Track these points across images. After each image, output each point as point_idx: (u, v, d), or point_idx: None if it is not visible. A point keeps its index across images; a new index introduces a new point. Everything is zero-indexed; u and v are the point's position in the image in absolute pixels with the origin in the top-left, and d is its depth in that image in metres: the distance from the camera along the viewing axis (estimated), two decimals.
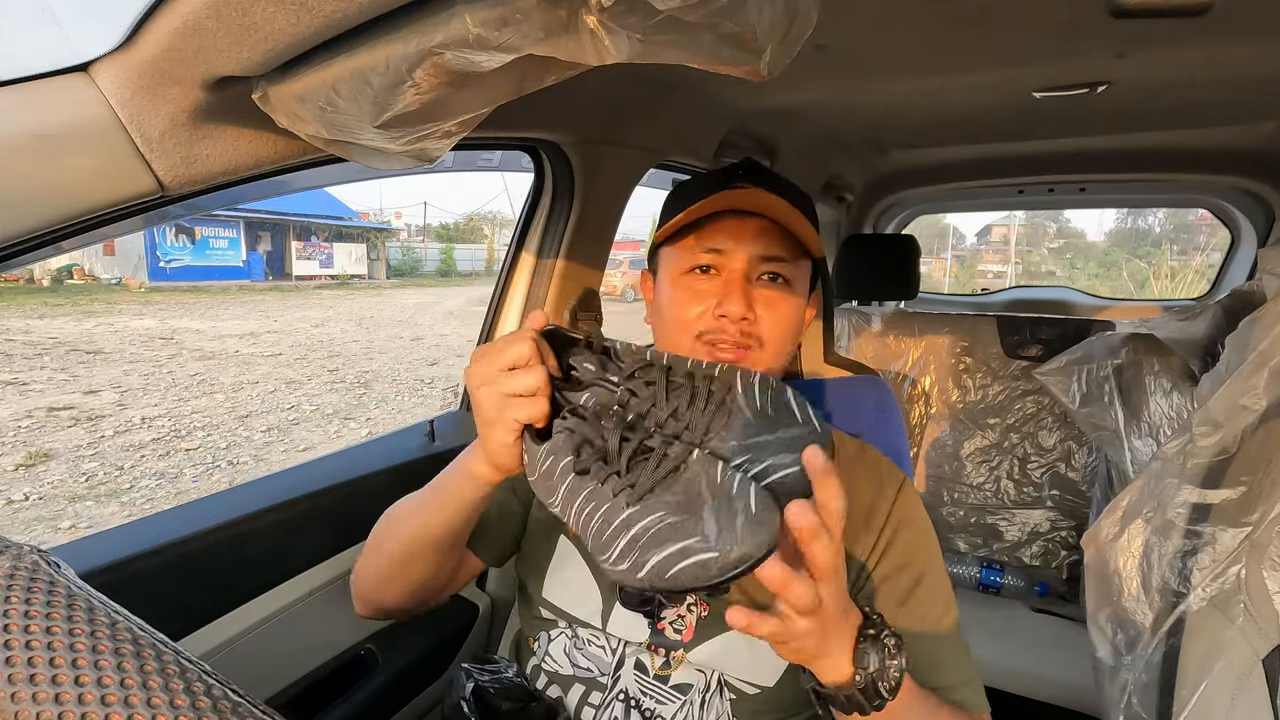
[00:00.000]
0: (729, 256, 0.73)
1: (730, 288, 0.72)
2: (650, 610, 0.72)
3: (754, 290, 0.73)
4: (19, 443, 5.00)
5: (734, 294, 0.71)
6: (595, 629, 0.75)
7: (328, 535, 0.90)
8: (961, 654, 0.71)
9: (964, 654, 0.71)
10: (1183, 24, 0.85)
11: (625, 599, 0.73)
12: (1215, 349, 1.43)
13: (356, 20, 0.47)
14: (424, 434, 1.10)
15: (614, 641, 0.74)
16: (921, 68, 1.07)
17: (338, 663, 0.92)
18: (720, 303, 0.71)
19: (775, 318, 0.73)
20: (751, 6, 0.39)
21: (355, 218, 22.94)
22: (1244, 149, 1.80)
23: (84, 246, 1.11)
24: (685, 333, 0.73)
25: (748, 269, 0.73)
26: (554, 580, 0.79)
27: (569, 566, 0.78)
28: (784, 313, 0.74)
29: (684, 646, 0.71)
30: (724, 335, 0.72)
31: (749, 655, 0.70)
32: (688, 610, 0.72)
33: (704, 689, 0.72)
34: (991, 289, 4.09)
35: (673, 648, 0.72)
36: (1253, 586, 0.82)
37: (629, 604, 0.72)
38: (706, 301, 0.73)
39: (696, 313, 0.73)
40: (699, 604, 0.72)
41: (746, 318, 0.71)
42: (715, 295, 0.72)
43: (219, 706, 0.27)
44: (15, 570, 0.31)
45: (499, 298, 1.22)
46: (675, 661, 0.72)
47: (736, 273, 0.73)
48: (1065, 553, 1.83)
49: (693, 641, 0.71)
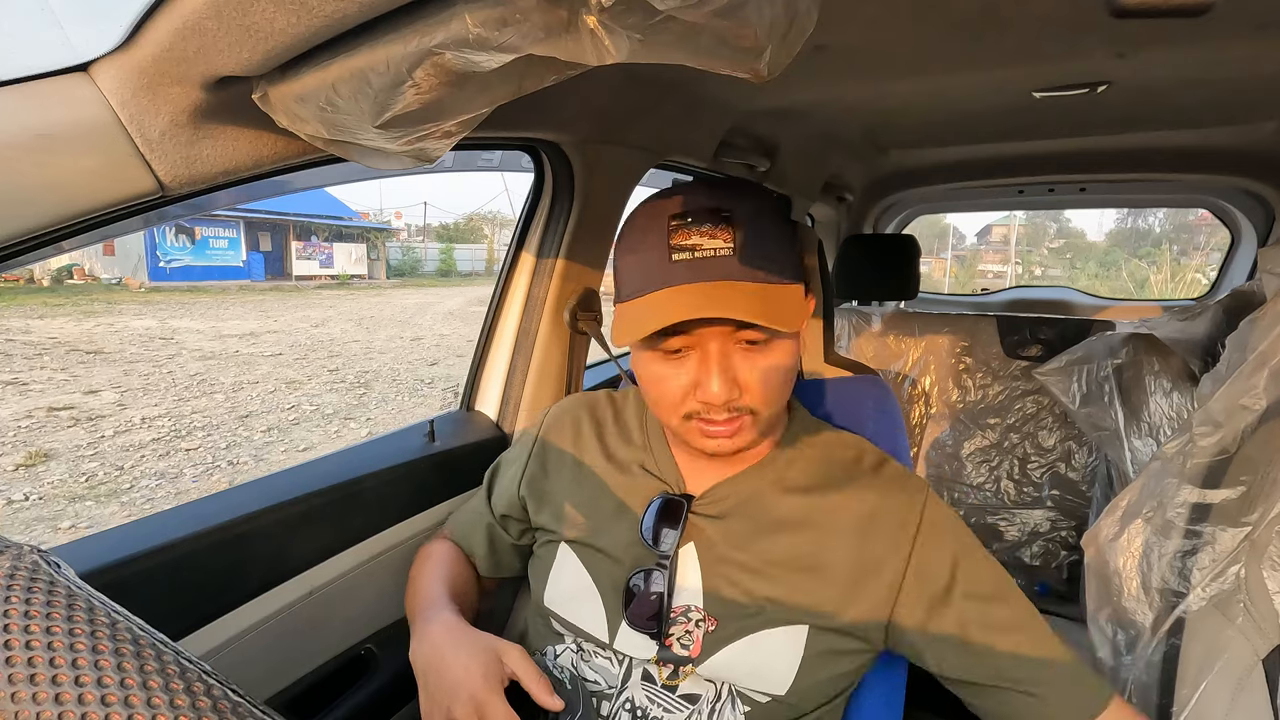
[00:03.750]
0: (702, 338, 0.65)
1: (706, 370, 0.65)
2: (657, 631, 0.70)
3: (734, 361, 0.66)
4: (19, 443, 5.00)
5: (711, 378, 0.64)
6: (602, 645, 0.74)
7: (328, 535, 0.90)
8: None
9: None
10: (1183, 24, 0.85)
11: (632, 619, 0.72)
12: (1215, 349, 1.43)
13: (356, 20, 0.47)
14: (424, 434, 1.10)
15: (621, 656, 0.74)
16: (921, 68, 1.06)
17: (338, 663, 0.92)
18: (700, 384, 0.65)
19: (764, 382, 0.67)
20: (751, 6, 0.39)
21: (355, 218, 22.94)
22: (1244, 149, 1.80)
23: (84, 246, 1.11)
24: (672, 415, 0.69)
25: (723, 345, 0.65)
26: (556, 589, 0.78)
27: (569, 576, 0.78)
28: (772, 373, 0.67)
29: (693, 661, 0.71)
30: (712, 415, 0.67)
31: (758, 665, 0.69)
32: (695, 626, 0.71)
33: (713, 698, 0.71)
34: (991, 289, 4.09)
35: (681, 663, 0.71)
36: (1252, 586, 0.82)
37: (636, 624, 0.71)
38: (686, 381, 0.66)
39: (678, 396, 0.67)
40: (707, 619, 0.71)
41: (731, 397, 0.65)
42: (692, 374, 0.66)
43: (219, 706, 0.27)
44: (15, 570, 0.31)
45: (499, 298, 1.22)
46: (684, 674, 0.72)
47: (712, 353, 0.65)
48: (1065, 553, 1.83)
49: (701, 656, 0.70)
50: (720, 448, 0.69)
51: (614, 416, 0.87)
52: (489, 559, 0.89)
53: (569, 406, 0.90)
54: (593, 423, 0.87)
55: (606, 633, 0.74)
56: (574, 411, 0.89)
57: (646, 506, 0.76)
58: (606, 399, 0.90)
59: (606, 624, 0.74)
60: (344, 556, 0.91)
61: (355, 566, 0.92)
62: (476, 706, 0.62)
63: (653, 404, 0.72)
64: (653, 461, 0.80)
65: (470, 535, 0.90)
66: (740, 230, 0.64)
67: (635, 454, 0.82)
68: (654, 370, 0.68)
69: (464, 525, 0.92)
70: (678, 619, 0.71)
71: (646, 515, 0.75)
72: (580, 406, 0.89)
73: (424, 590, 0.82)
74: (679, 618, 0.71)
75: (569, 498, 0.82)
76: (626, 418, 0.87)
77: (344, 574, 0.91)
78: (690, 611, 0.72)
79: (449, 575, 0.85)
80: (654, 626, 0.70)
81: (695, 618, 0.71)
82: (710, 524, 0.74)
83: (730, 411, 0.67)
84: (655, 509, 0.75)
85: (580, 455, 0.84)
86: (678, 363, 0.67)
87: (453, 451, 1.09)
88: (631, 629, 0.72)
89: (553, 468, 0.85)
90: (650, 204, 0.70)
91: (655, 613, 0.71)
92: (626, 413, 0.87)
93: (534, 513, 0.85)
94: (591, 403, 0.90)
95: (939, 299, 3.41)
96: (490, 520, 0.89)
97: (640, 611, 0.71)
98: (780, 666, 0.69)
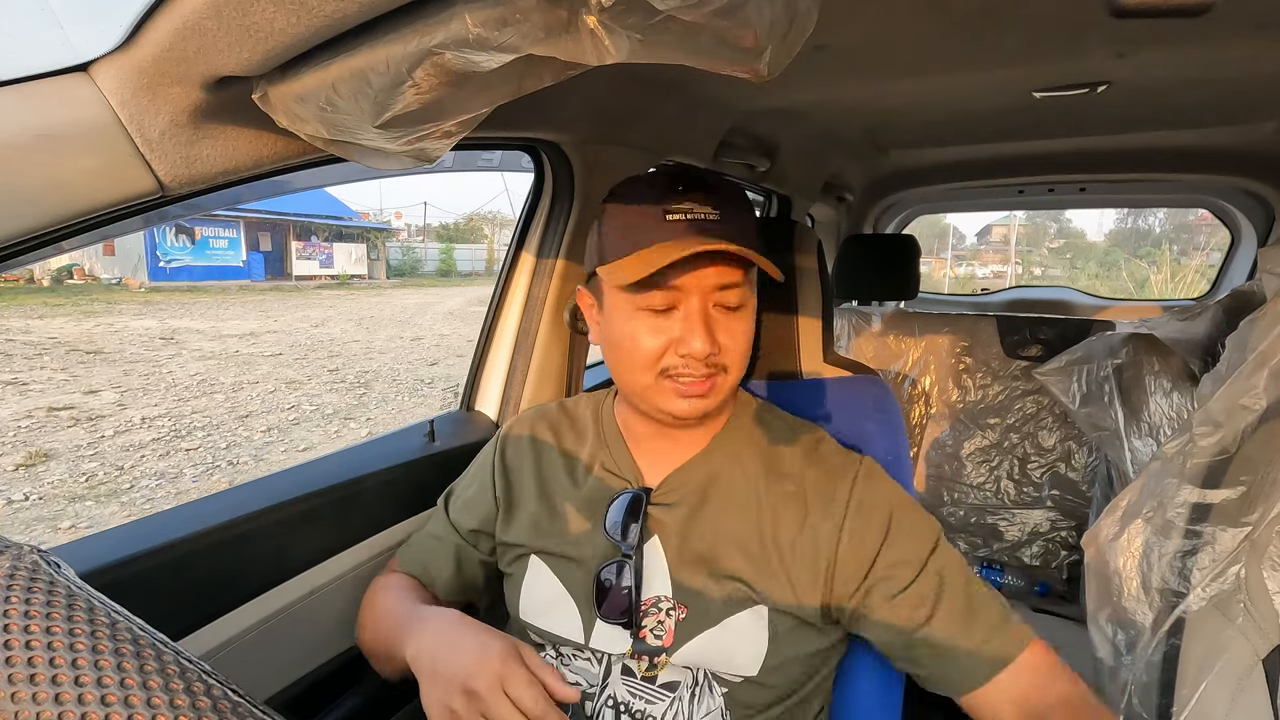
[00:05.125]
0: (686, 293, 0.70)
1: (691, 324, 0.69)
2: (629, 622, 0.72)
3: (713, 320, 0.71)
4: (19, 443, 5.00)
5: (697, 331, 0.69)
6: (578, 646, 0.76)
7: (328, 535, 0.90)
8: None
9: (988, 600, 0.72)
10: (1183, 24, 0.85)
11: (605, 613, 0.73)
12: (1215, 349, 1.43)
13: (356, 20, 0.47)
14: (424, 434, 1.10)
15: (598, 654, 0.75)
16: (921, 68, 1.06)
17: (338, 663, 0.92)
18: (682, 339, 0.70)
19: (736, 342, 0.72)
20: (751, 6, 0.39)
21: (355, 218, 22.94)
22: (1244, 149, 1.80)
23: (84, 246, 1.11)
24: (648, 371, 0.72)
25: (703, 303, 0.70)
26: (530, 601, 0.80)
27: (542, 585, 0.79)
28: (743, 334, 0.73)
29: (666, 650, 0.72)
30: (689, 369, 0.70)
31: (728, 648, 0.71)
32: (666, 615, 0.73)
33: (692, 684, 0.73)
34: (991, 289, 4.09)
35: (655, 654, 0.73)
36: (1253, 586, 0.82)
37: (609, 617, 0.73)
38: (665, 338, 0.70)
39: (657, 351, 0.71)
40: (677, 608, 0.73)
41: (711, 351, 0.69)
42: (673, 331, 0.70)
43: (219, 706, 0.27)
44: (15, 570, 0.30)
45: (499, 298, 1.22)
46: (660, 664, 0.73)
47: (696, 309, 0.70)
48: (1065, 553, 1.83)
49: (674, 645, 0.72)
50: (692, 408, 0.72)
51: (569, 422, 0.89)
52: (454, 580, 0.87)
53: (525, 418, 0.92)
54: (550, 430, 0.88)
55: (582, 634, 0.75)
56: (530, 422, 0.90)
57: (609, 504, 0.77)
58: (558, 407, 0.91)
59: (581, 625, 0.75)
60: (344, 556, 0.91)
61: (356, 566, 0.92)
62: (499, 678, 0.60)
63: (626, 365, 0.73)
64: (610, 459, 0.82)
65: (430, 561, 0.87)
66: (724, 202, 0.71)
67: (593, 454, 0.83)
68: (632, 327, 0.71)
69: (421, 554, 0.89)
70: (649, 610, 0.73)
71: (610, 511, 0.77)
72: (536, 417, 0.90)
73: (399, 609, 0.79)
74: (650, 609, 0.73)
75: (534, 506, 0.83)
76: (581, 419, 0.88)
77: (344, 574, 0.91)
78: (661, 601, 0.73)
79: (420, 597, 0.83)
80: (626, 619, 0.72)
81: (665, 607, 0.73)
82: (668, 513, 0.76)
83: (708, 367, 0.70)
84: (622, 505, 0.77)
85: (540, 463, 0.86)
86: (658, 319, 0.71)
87: (453, 451, 1.09)
88: (605, 623, 0.73)
89: (515, 478, 0.86)
90: (637, 181, 0.75)
91: (627, 606, 0.72)
92: (581, 415, 0.89)
93: (501, 527, 0.85)
94: (545, 413, 0.91)
95: (939, 299, 3.41)
96: (457, 540, 0.87)
97: (613, 605, 0.73)
98: (749, 649, 0.71)
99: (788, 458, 0.78)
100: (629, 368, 0.73)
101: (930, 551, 0.72)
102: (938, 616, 0.69)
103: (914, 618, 0.69)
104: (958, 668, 0.68)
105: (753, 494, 0.76)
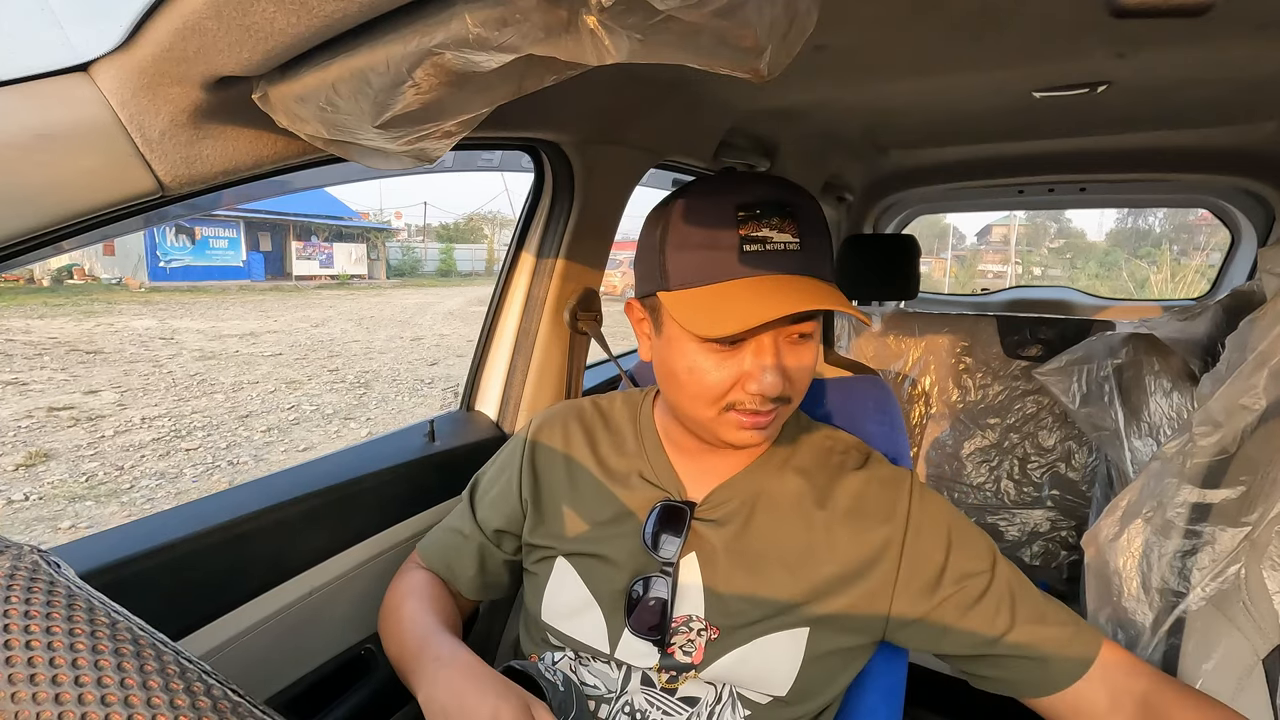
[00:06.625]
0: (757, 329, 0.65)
1: (762, 361, 0.65)
2: (661, 640, 0.70)
3: (783, 353, 0.67)
4: (19, 443, 5.00)
5: (770, 369, 0.65)
6: (603, 656, 0.74)
7: (328, 535, 0.90)
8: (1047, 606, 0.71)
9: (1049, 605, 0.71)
10: (1183, 24, 0.85)
11: (635, 626, 0.71)
12: (1215, 349, 1.43)
13: (356, 20, 0.47)
14: (424, 434, 1.10)
15: (621, 664, 0.73)
16: (921, 68, 1.06)
17: (338, 663, 0.92)
18: (752, 375, 0.65)
19: (803, 373, 0.69)
20: (751, 6, 0.39)
21: (355, 218, 22.94)
22: (1244, 149, 1.80)
23: (84, 246, 1.11)
24: (712, 406, 0.68)
25: (775, 338, 0.66)
26: (554, 604, 0.77)
27: (568, 589, 0.77)
28: (809, 367, 0.69)
29: (695, 668, 0.71)
30: (757, 406, 0.67)
31: (760, 668, 0.70)
32: (697, 635, 0.71)
33: (713, 701, 0.71)
34: (991, 289, 4.09)
35: (683, 670, 0.71)
36: (1252, 586, 0.82)
37: (638, 631, 0.71)
38: (734, 372, 0.66)
39: (724, 387, 0.67)
40: (709, 628, 0.71)
41: (783, 390, 0.66)
42: (742, 365, 0.66)
43: (219, 706, 0.27)
44: (15, 570, 0.30)
45: (499, 298, 1.22)
46: (684, 678, 0.72)
47: (768, 346, 0.65)
48: (1065, 553, 1.83)
49: (703, 663, 0.70)
50: (753, 439, 0.69)
51: (604, 424, 0.85)
52: (477, 579, 0.86)
53: (555, 415, 0.88)
54: (582, 431, 0.84)
55: (607, 643, 0.73)
56: (561, 420, 0.86)
57: (648, 514, 0.75)
58: (592, 406, 0.88)
59: (607, 634, 0.73)
60: (344, 556, 0.91)
61: (355, 566, 0.92)
62: None
63: (688, 397, 0.69)
64: (650, 470, 0.79)
65: (454, 560, 0.86)
66: (801, 225, 0.65)
67: (631, 463, 0.80)
68: (697, 361, 0.67)
69: (444, 550, 0.87)
70: (679, 628, 0.71)
71: (649, 522, 0.74)
72: (567, 415, 0.87)
73: (416, 630, 0.76)
74: (681, 627, 0.71)
75: (565, 509, 0.80)
76: (618, 424, 0.85)
77: (344, 574, 0.91)
78: (692, 621, 0.71)
79: (440, 610, 0.80)
80: (657, 635, 0.70)
81: (697, 627, 0.71)
82: (712, 530, 0.74)
83: (773, 403, 0.67)
84: (656, 515, 0.75)
85: (573, 465, 0.82)
86: (727, 355, 0.66)
87: (453, 451, 1.09)
88: (634, 636, 0.71)
89: (545, 478, 0.83)
90: (706, 193, 0.68)
91: (658, 621, 0.70)
92: (617, 419, 0.85)
93: (529, 526, 0.82)
94: (578, 410, 0.87)
95: (939, 299, 3.41)
96: (481, 540, 0.85)
97: (643, 619, 0.71)
98: (782, 669, 0.70)
99: (837, 471, 0.76)
100: (690, 399, 0.69)
101: (994, 561, 0.71)
102: (1019, 622, 0.68)
103: (995, 626, 0.68)
104: (1045, 670, 0.67)
105: (801, 509, 0.74)
